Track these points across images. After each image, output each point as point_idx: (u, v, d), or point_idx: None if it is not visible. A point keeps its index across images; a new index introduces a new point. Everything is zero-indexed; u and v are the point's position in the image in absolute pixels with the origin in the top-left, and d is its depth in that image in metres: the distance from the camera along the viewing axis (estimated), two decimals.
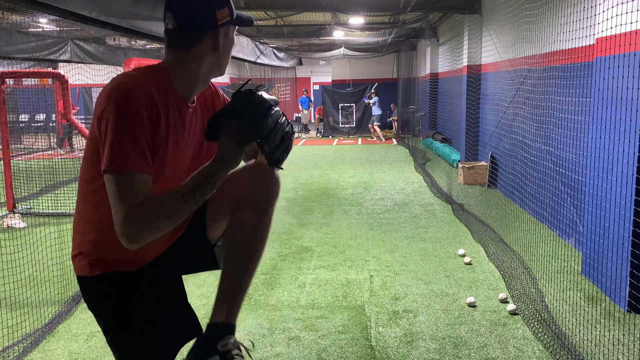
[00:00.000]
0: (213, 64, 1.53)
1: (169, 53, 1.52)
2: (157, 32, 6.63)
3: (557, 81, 5.50)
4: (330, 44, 15.89)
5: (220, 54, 1.53)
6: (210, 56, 1.51)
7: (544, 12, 5.78)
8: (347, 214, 6.85)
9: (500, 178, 7.79)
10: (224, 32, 1.53)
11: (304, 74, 23.43)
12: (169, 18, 1.48)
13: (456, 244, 5.47)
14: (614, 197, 3.85)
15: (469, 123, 9.34)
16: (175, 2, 1.49)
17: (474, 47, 9.28)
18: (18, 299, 4.11)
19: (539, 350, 3.27)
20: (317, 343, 3.45)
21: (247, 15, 1.59)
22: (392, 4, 9.46)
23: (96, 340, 3.53)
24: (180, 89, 1.51)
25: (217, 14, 1.48)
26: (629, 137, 3.64)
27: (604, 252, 4.01)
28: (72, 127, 8.62)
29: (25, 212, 7.14)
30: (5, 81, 7.00)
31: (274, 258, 5.14)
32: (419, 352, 3.28)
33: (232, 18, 1.52)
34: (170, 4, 1.49)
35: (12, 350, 3.36)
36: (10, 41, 8.29)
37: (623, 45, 3.66)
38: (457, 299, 4.07)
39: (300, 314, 3.88)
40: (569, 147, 5.18)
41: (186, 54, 1.49)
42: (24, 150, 11.93)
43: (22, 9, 5.76)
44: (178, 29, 1.48)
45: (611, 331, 3.46)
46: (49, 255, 4.95)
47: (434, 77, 14.35)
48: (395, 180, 9.34)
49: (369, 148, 14.58)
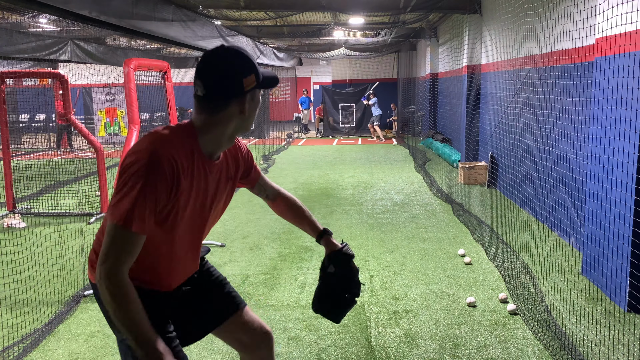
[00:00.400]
0: (239, 125, 1.66)
1: (197, 114, 1.64)
2: (157, 32, 6.63)
3: (557, 81, 5.50)
4: (330, 44, 15.88)
5: (246, 116, 1.65)
6: (237, 118, 1.64)
7: (544, 12, 5.78)
8: (347, 214, 6.85)
9: (500, 178, 7.79)
10: (250, 96, 1.64)
11: (304, 74, 23.43)
12: (199, 85, 1.59)
13: (456, 244, 5.47)
14: (614, 197, 3.85)
15: (469, 123, 9.34)
16: (204, 71, 1.59)
17: (474, 47, 9.28)
18: (18, 299, 4.11)
19: (539, 350, 3.27)
20: (317, 343, 3.45)
21: (273, 74, 1.71)
22: (392, 4, 9.45)
23: (96, 340, 3.53)
24: (206, 149, 1.66)
25: (244, 81, 1.59)
26: (629, 137, 3.64)
27: (604, 252, 4.01)
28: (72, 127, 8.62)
29: (25, 212, 7.14)
30: (5, 81, 6.99)
31: (274, 258, 5.14)
32: (419, 352, 3.28)
33: (258, 83, 1.63)
34: (200, 72, 1.59)
35: (12, 350, 3.36)
36: (10, 41, 8.29)
37: (623, 45, 3.66)
38: (457, 299, 4.07)
39: (300, 314, 3.88)
40: (569, 147, 5.18)
41: (214, 117, 1.62)
42: (24, 150, 11.93)
43: (22, 9, 5.76)
44: (207, 96, 1.60)
45: (611, 331, 3.46)
46: (49, 255, 4.95)
47: (434, 77, 14.35)
48: (395, 180, 9.34)
49: (369, 148, 14.58)
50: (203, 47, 8.62)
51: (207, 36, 8.54)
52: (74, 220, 6.81)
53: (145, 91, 5.55)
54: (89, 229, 6.31)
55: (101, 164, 6.99)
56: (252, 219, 6.61)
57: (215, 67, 1.59)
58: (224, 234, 5.96)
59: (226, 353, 3.31)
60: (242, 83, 1.59)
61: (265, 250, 5.39)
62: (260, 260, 5.09)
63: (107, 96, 15.63)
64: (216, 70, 1.58)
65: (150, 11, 6.30)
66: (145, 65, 4.78)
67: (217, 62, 1.60)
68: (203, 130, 1.63)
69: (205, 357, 3.28)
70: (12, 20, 8.02)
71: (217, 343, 3.42)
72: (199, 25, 8.06)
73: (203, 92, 1.59)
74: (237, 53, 1.62)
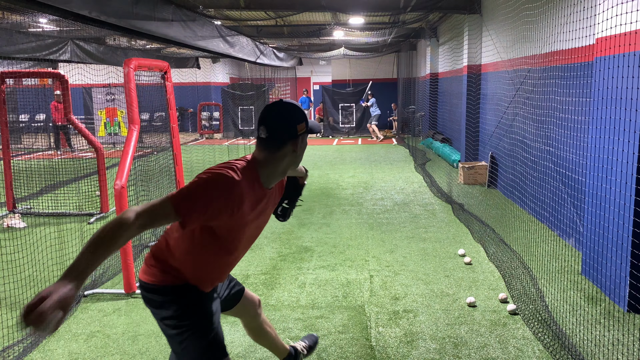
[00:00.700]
0: (291, 161, 2.04)
1: (260, 152, 2.00)
2: (157, 32, 6.63)
3: (557, 81, 5.50)
4: (330, 44, 15.88)
5: (297, 154, 2.04)
6: (290, 156, 2.02)
7: (544, 12, 5.78)
8: (347, 214, 6.85)
9: (500, 178, 7.79)
10: (301, 138, 2.03)
11: (304, 74, 23.44)
12: (263, 130, 1.96)
13: (456, 244, 5.47)
14: (614, 197, 3.85)
15: (469, 123, 9.34)
16: (268, 119, 1.98)
17: (474, 47, 9.28)
18: (18, 299, 4.11)
19: (539, 350, 3.27)
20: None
21: (316, 124, 2.14)
22: (392, 4, 9.45)
23: (96, 340, 3.53)
24: (264, 180, 2.01)
25: (298, 127, 1.99)
26: (629, 137, 3.64)
27: (604, 252, 4.01)
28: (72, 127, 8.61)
29: (25, 212, 7.14)
30: (5, 81, 6.99)
31: (274, 258, 5.14)
32: (419, 352, 3.28)
33: (307, 129, 2.04)
34: (264, 119, 1.98)
35: (12, 350, 3.36)
36: (10, 41, 8.29)
37: (623, 45, 3.66)
38: (457, 299, 4.07)
39: (300, 314, 3.88)
40: (569, 147, 5.18)
41: (273, 155, 1.98)
42: (24, 150, 11.93)
43: (22, 9, 5.76)
44: (269, 138, 1.96)
45: (611, 331, 3.46)
46: (49, 255, 4.95)
47: (434, 77, 14.35)
48: (395, 180, 9.34)
49: (369, 148, 14.58)
50: (203, 47, 8.62)
51: (207, 36, 8.54)
52: (74, 220, 6.81)
53: (145, 91, 5.55)
54: (89, 229, 6.31)
55: (101, 164, 6.99)
56: None
57: (276, 116, 1.99)
58: None
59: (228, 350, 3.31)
60: (296, 129, 1.98)
61: (265, 250, 5.39)
62: (260, 260, 5.09)
63: (107, 96, 15.64)
64: (277, 118, 1.98)
65: (150, 11, 6.30)
66: (145, 65, 4.78)
67: (278, 111, 2.00)
68: (263, 164, 1.99)
69: None
70: (12, 20, 8.02)
71: None
72: (199, 25, 8.06)
73: (266, 135, 1.96)
74: (293, 106, 2.04)
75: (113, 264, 4.98)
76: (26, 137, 14.67)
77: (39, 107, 15.43)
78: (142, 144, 6.20)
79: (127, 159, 4.27)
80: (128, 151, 4.31)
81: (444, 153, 11.39)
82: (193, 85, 18.80)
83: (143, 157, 5.43)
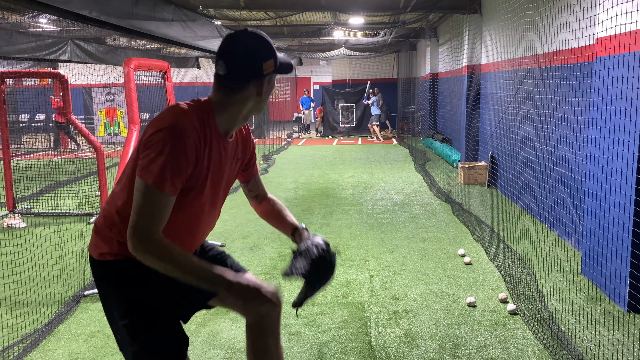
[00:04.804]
0: (254, 106, 1.74)
1: (216, 92, 1.72)
2: (156, 32, 6.63)
3: (557, 81, 5.49)
4: (330, 44, 15.88)
5: (262, 99, 1.74)
6: (253, 99, 1.72)
7: (544, 12, 5.78)
8: (347, 214, 6.85)
9: (500, 178, 7.79)
10: (268, 79, 1.72)
11: (304, 74, 23.43)
12: (221, 65, 1.68)
13: (456, 244, 5.47)
14: (614, 197, 3.85)
15: (469, 123, 9.34)
16: (227, 52, 1.67)
17: (474, 47, 9.28)
18: (18, 299, 4.11)
19: (539, 350, 3.27)
20: (317, 338, 3.47)
21: (288, 61, 1.79)
22: (392, 4, 9.45)
23: (96, 340, 3.53)
24: (222, 126, 1.73)
25: (264, 65, 1.67)
26: (629, 137, 3.64)
27: (604, 252, 4.01)
28: (72, 127, 8.62)
29: (25, 212, 7.14)
30: (5, 81, 6.99)
31: (274, 258, 5.14)
32: (419, 352, 3.28)
33: (276, 68, 1.71)
34: (223, 53, 1.68)
35: (12, 350, 3.36)
36: (10, 41, 8.28)
37: (623, 45, 3.66)
38: (457, 299, 4.07)
39: (300, 310, 3.89)
40: (569, 147, 5.18)
41: (232, 97, 1.70)
42: (24, 150, 11.93)
43: (22, 9, 5.76)
44: (228, 76, 1.67)
45: (611, 331, 3.46)
46: (49, 255, 4.95)
47: (434, 77, 14.35)
48: (395, 180, 9.34)
49: (369, 148, 14.58)
50: (203, 47, 8.62)
51: (207, 36, 8.54)
52: (74, 220, 6.81)
53: (145, 91, 5.54)
54: (88, 229, 6.31)
55: (101, 164, 6.99)
56: (252, 219, 6.60)
57: (238, 49, 1.67)
58: (224, 234, 5.96)
59: (228, 348, 3.31)
60: (262, 66, 1.67)
61: (265, 250, 5.39)
62: (260, 260, 5.09)
63: (107, 96, 15.64)
64: (239, 52, 1.66)
65: (150, 11, 6.30)
66: (145, 65, 4.78)
67: (241, 44, 1.68)
68: (221, 108, 1.71)
69: (208, 352, 3.28)
70: (12, 20, 8.02)
71: (218, 338, 3.43)
72: (199, 25, 8.06)
73: (225, 72, 1.67)
74: (259, 38, 1.70)
75: None
76: (26, 137, 14.67)
77: (39, 107, 15.43)
78: None
79: (127, 159, 4.27)
80: (128, 151, 4.32)
81: (444, 153, 11.39)
82: (193, 85, 18.80)
83: None
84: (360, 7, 9.38)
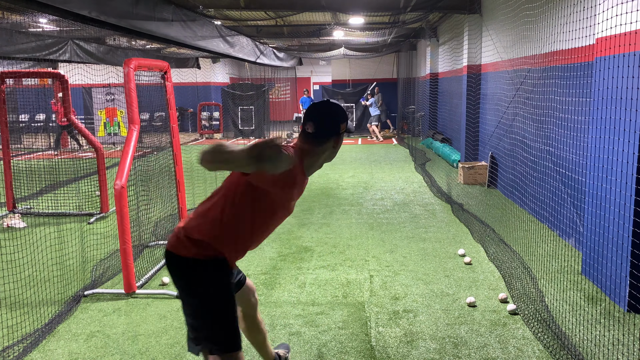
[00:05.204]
0: (330, 155, 2.34)
1: (304, 144, 2.25)
2: (157, 32, 6.62)
3: (557, 81, 5.50)
4: (330, 44, 15.87)
5: (336, 150, 2.34)
6: (330, 151, 2.31)
7: (544, 12, 5.78)
8: (347, 214, 6.85)
9: (500, 178, 7.79)
10: (341, 136, 2.32)
11: (304, 74, 23.43)
12: (310, 125, 2.23)
13: (456, 244, 5.47)
14: (614, 197, 3.85)
15: (469, 123, 9.34)
16: (315, 116, 2.26)
17: (474, 47, 9.28)
18: (18, 299, 4.11)
19: (539, 350, 3.27)
20: (317, 338, 3.47)
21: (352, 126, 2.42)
22: (392, 4, 9.44)
23: (96, 340, 3.53)
24: (306, 168, 2.28)
25: (341, 126, 2.29)
26: (629, 137, 3.64)
27: (604, 252, 4.01)
28: (72, 127, 8.61)
29: (25, 212, 7.14)
30: (5, 81, 6.99)
31: (274, 258, 5.14)
32: (419, 352, 3.28)
33: (346, 127, 2.32)
34: (312, 116, 2.25)
35: (12, 350, 3.36)
36: (10, 41, 8.29)
37: (623, 45, 3.66)
38: (457, 299, 4.07)
39: (300, 310, 3.89)
40: (569, 147, 5.18)
41: (316, 148, 2.27)
42: (24, 150, 11.92)
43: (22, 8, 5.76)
44: (315, 134, 2.24)
45: (611, 331, 3.46)
46: (49, 255, 4.95)
47: (434, 77, 14.35)
48: (395, 180, 9.34)
49: (369, 148, 14.58)
50: (203, 47, 8.62)
51: (207, 36, 8.54)
52: (74, 220, 6.81)
53: (145, 91, 5.54)
54: (89, 229, 6.31)
55: (101, 164, 6.99)
56: None
57: (324, 113, 2.28)
58: None
59: None
60: (339, 127, 2.28)
61: (265, 250, 5.39)
62: (260, 260, 5.09)
63: (107, 96, 15.64)
64: (325, 116, 2.27)
65: (150, 11, 6.30)
66: (145, 65, 4.77)
67: (326, 110, 2.29)
68: (307, 155, 2.26)
69: None
70: (12, 20, 8.02)
71: None
72: (199, 25, 8.06)
73: (313, 130, 2.23)
74: (337, 106, 2.32)
75: (113, 264, 4.98)
76: (26, 137, 14.66)
77: (39, 107, 15.43)
78: (142, 144, 6.19)
79: (127, 159, 4.27)
80: (128, 151, 4.31)
81: (444, 153, 11.39)
82: (193, 85, 18.80)
83: (143, 157, 5.43)
84: (360, 7, 9.37)
